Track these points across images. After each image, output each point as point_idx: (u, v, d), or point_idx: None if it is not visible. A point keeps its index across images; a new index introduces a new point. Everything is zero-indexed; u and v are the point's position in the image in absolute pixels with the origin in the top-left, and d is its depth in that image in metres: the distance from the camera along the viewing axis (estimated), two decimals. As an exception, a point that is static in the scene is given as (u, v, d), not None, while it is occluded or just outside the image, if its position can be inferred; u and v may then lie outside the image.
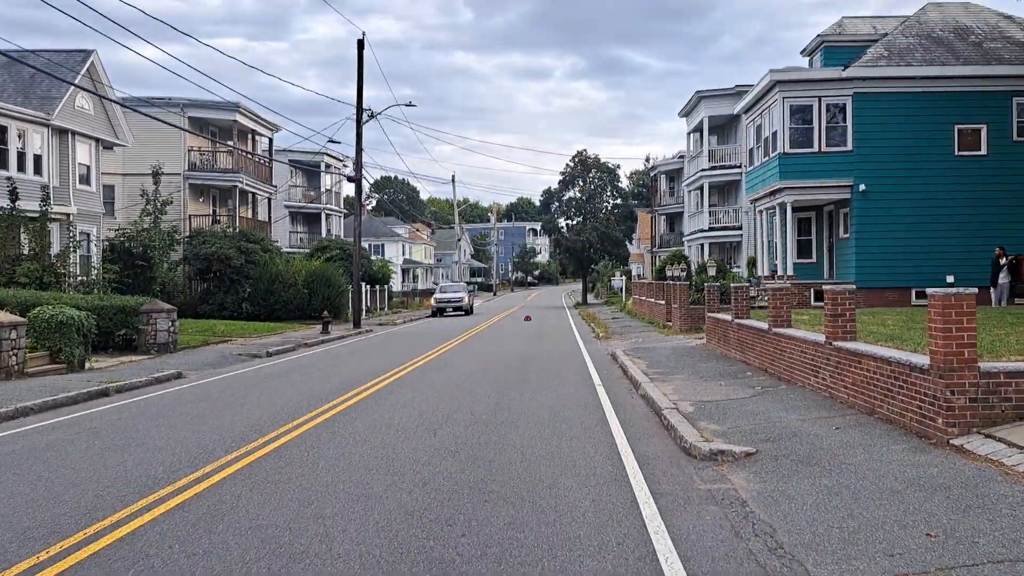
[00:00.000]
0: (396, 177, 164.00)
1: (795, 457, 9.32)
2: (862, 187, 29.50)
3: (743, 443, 10.09)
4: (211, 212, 50.01)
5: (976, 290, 9.94)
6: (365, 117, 39.68)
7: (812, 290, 29.48)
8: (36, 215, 29.33)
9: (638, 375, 17.48)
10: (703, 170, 49.09)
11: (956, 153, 29.55)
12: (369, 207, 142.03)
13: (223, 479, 9.17)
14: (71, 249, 30.69)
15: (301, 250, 60.70)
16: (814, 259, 33.35)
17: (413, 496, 8.27)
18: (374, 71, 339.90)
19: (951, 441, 9.35)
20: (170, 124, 36.79)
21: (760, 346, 17.64)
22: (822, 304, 28.87)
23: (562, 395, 15.56)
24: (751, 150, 35.61)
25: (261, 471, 9.53)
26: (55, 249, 30.21)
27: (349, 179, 40.50)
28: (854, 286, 13.78)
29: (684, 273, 35.10)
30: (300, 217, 69.45)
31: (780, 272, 31.93)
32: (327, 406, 14.46)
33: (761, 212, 35.19)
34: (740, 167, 47.31)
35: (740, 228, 47.77)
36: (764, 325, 17.51)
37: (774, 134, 31.22)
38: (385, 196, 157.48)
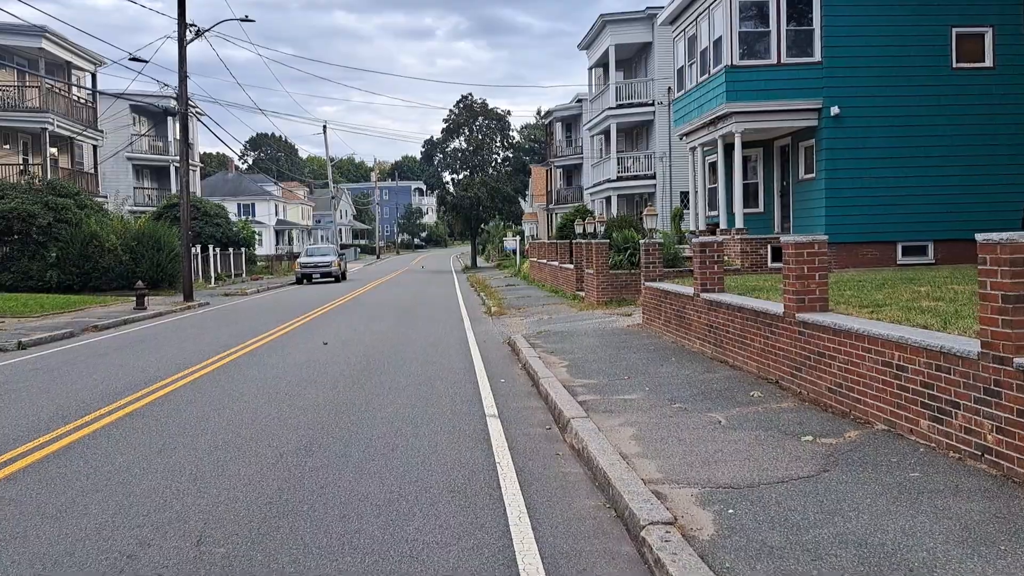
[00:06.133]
0: (273, 134, 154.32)
1: None
2: (834, 110, 22.20)
3: None
4: (21, 161, 41.59)
5: None
6: (190, 35, 31.00)
7: (769, 247, 22.38)
8: None
9: (560, 396, 10.07)
10: (609, 109, 41.54)
11: (954, 65, 22.36)
12: (244, 166, 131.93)
13: None
14: None
15: (149, 208, 53.41)
16: (761, 208, 26.18)
17: None
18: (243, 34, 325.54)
19: None
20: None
21: (761, 341, 10.44)
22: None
23: (423, 452, 7.98)
24: (680, 70, 27.98)
25: None
26: None
27: (167, 112, 31.89)
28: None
29: (603, 227, 27.60)
30: (147, 171, 61.74)
31: (724, 226, 24.79)
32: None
33: (695, 149, 27.74)
34: (653, 104, 40.21)
35: (654, 177, 40.68)
36: (773, 307, 10.30)
37: (716, 42, 23.74)
38: (262, 154, 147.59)
